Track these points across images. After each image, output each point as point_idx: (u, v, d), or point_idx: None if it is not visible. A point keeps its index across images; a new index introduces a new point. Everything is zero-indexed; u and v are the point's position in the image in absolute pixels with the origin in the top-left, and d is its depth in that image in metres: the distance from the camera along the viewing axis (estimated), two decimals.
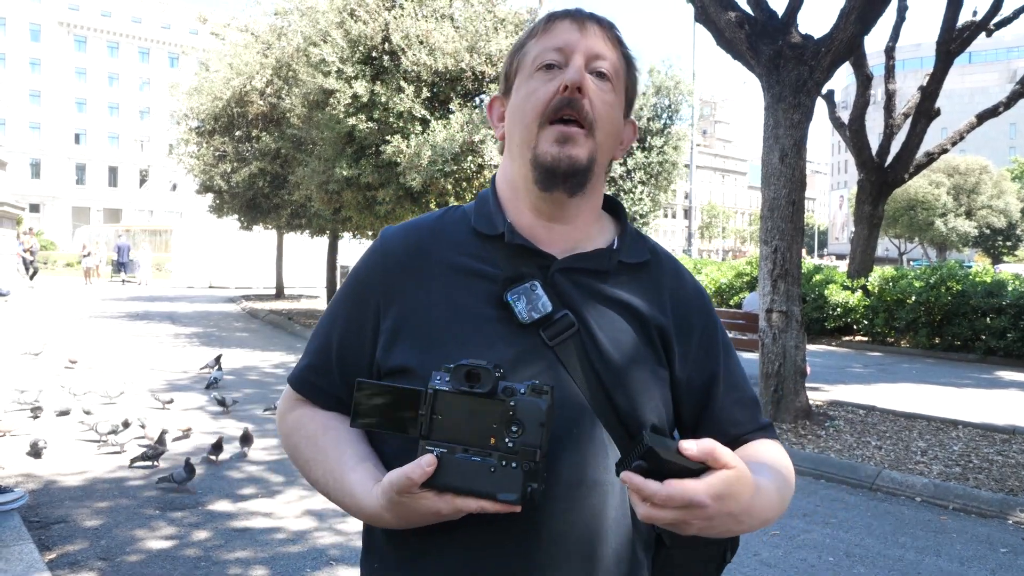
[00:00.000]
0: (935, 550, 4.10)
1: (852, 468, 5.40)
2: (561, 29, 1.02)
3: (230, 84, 15.05)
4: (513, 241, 1.03)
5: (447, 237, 1.06)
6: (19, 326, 12.54)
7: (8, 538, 3.54)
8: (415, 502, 0.87)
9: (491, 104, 1.13)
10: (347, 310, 1.08)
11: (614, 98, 1.03)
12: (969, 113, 14.44)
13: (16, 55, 59.64)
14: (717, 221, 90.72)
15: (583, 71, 0.99)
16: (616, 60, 1.04)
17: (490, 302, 0.99)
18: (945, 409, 7.38)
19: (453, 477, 0.85)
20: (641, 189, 20.42)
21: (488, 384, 0.85)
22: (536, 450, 0.84)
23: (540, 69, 1.01)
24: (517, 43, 1.08)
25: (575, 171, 0.99)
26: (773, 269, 6.49)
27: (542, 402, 0.85)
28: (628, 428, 0.99)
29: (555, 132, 0.99)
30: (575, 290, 1.02)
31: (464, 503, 0.85)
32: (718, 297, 15.56)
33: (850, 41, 6.35)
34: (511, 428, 0.84)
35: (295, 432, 1.08)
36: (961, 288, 11.66)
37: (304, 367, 1.10)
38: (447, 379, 0.87)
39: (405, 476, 0.85)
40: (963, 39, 11.63)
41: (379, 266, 1.07)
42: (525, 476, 0.83)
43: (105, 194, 63.80)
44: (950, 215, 50.50)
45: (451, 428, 0.86)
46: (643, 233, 1.16)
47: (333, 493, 0.99)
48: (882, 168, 12.78)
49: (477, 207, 1.09)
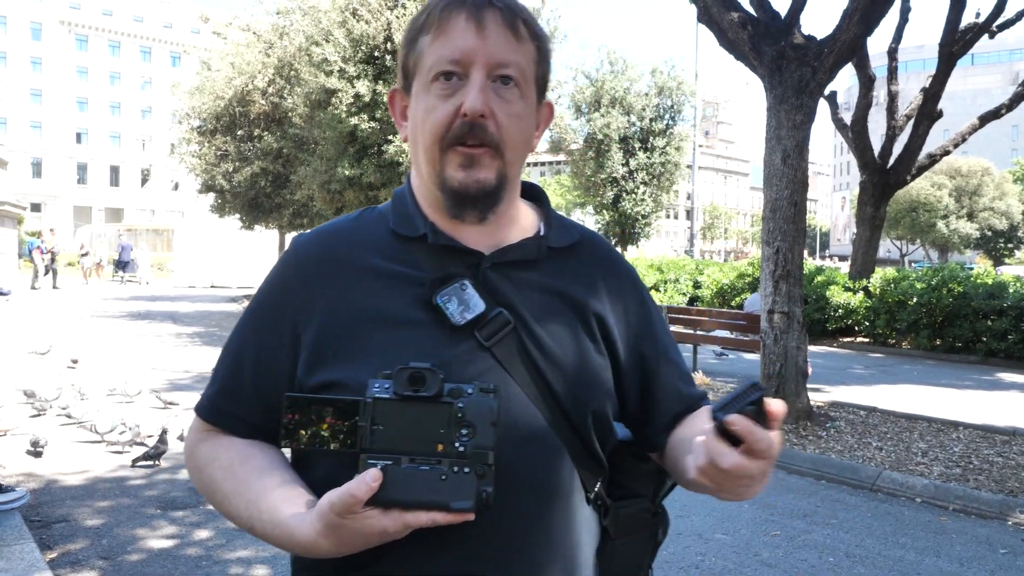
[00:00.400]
0: (935, 551, 4.10)
1: (853, 469, 5.40)
2: (456, 29, 0.92)
3: (232, 83, 15.07)
4: (437, 243, 0.97)
5: (366, 241, 1.00)
6: (21, 325, 12.55)
7: (9, 537, 3.54)
8: (358, 523, 0.79)
9: (392, 98, 1.05)
10: (260, 328, 0.99)
11: (522, 105, 0.95)
12: (971, 115, 14.44)
13: (17, 54, 59.70)
14: (719, 222, 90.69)
15: (485, 92, 0.91)
16: (523, 57, 0.95)
17: (419, 306, 0.94)
18: (946, 410, 7.38)
19: (401, 490, 0.79)
20: (643, 190, 20.41)
21: (434, 386, 0.81)
22: (489, 452, 0.80)
23: (437, 80, 0.93)
24: (410, 33, 0.98)
25: (484, 195, 0.94)
26: (775, 270, 6.49)
27: (492, 401, 0.81)
28: (574, 423, 0.96)
29: (459, 156, 0.93)
30: (507, 285, 0.97)
31: (414, 517, 0.79)
32: (720, 298, 15.55)
33: (853, 42, 6.35)
34: (461, 431, 0.80)
35: (209, 465, 0.97)
36: (962, 290, 11.66)
37: (214, 394, 1.00)
38: (387, 386, 0.82)
39: (348, 494, 0.77)
40: (966, 41, 11.63)
41: (294, 277, 0.99)
42: (479, 481, 0.79)
43: (107, 193, 63.85)
44: (952, 217, 50.49)
45: (394, 438, 0.80)
46: (567, 216, 1.12)
47: (259, 526, 0.89)
48: (884, 170, 12.77)
49: (395, 207, 1.03)
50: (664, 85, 20.47)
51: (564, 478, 0.95)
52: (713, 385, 8.42)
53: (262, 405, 0.97)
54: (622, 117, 19.84)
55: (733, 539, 4.19)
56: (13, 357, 9.13)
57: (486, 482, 0.79)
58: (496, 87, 0.93)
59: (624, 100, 19.94)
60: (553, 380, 0.95)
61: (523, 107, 0.96)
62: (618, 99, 19.91)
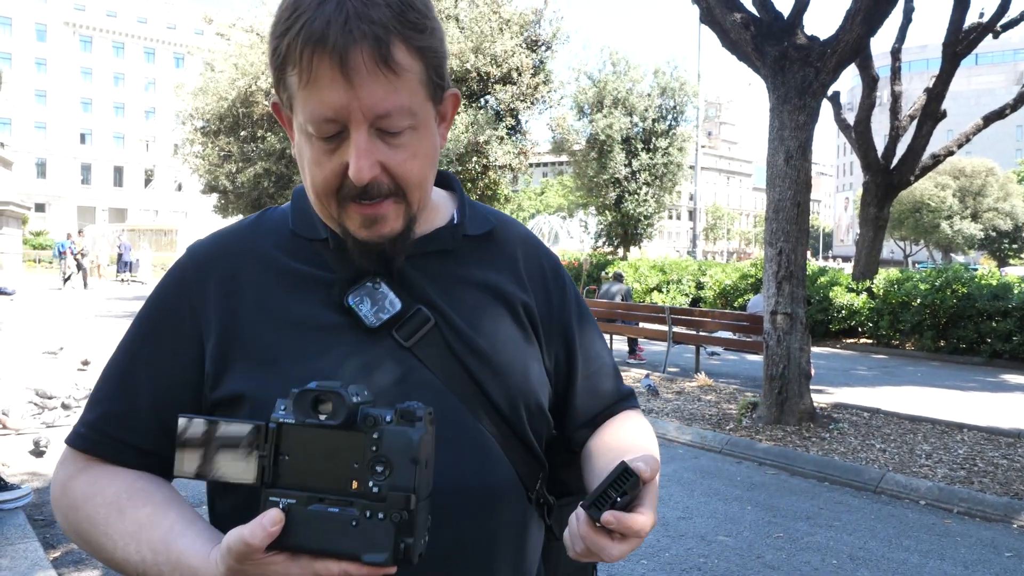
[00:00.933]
0: (939, 554, 4.08)
1: (856, 471, 5.38)
2: (323, 80, 0.77)
3: (235, 84, 15.10)
4: (340, 246, 0.88)
5: (269, 242, 0.92)
6: (27, 325, 12.58)
7: (13, 536, 3.55)
8: (261, 569, 0.68)
9: (276, 109, 0.92)
10: (156, 338, 0.89)
11: (416, 139, 0.83)
12: (975, 115, 14.39)
13: (22, 55, 59.91)
14: (722, 223, 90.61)
15: (370, 152, 0.79)
16: (406, 90, 0.80)
17: (330, 308, 0.87)
18: (950, 412, 7.35)
19: (306, 536, 0.67)
20: (646, 190, 20.39)
21: (341, 413, 0.67)
22: (409, 495, 0.66)
23: (317, 139, 0.81)
24: (275, 55, 0.80)
25: (394, 242, 0.85)
26: (778, 271, 6.48)
27: (414, 432, 0.67)
28: (507, 419, 0.90)
29: (358, 215, 0.83)
30: (425, 279, 0.91)
31: (324, 567, 0.67)
32: (723, 299, 15.53)
33: (856, 42, 6.33)
34: (376, 468, 0.67)
35: (88, 502, 0.83)
36: (967, 291, 11.63)
37: (95, 420, 0.87)
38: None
39: (242, 540, 0.66)
40: (970, 40, 11.60)
41: (192, 283, 0.90)
42: (397, 529, 0.66)
43: (110, 194, 64.04)
44: (956, 217, 50.38)
45: (302, 471, 0.68)
46: (479, 202, 1.05)
47: (154, 570, 0.77)
48: (888, 170, 12.74)
49: (295, 208, 0.94)
50: (667, 86, 20.46)
51: (502, 478, 0.89)
52: (716, 386, 8.41)
53: (161, 427, 0.84)
54: (624, 118, 19.83)
55: (735, 541, 4.18)
56: (25, 357, 9.15)
57: (408, 532, 0.66)
58: (383, 136, 0.81)
59: (627, 101, 19.93)
60: (481, 376, 0.89)
61: (418, 140, 0.84)
62: (621, 100, 19.90)
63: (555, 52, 17.71)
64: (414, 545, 0.67)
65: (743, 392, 8.03)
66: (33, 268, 31.68)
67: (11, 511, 3.82)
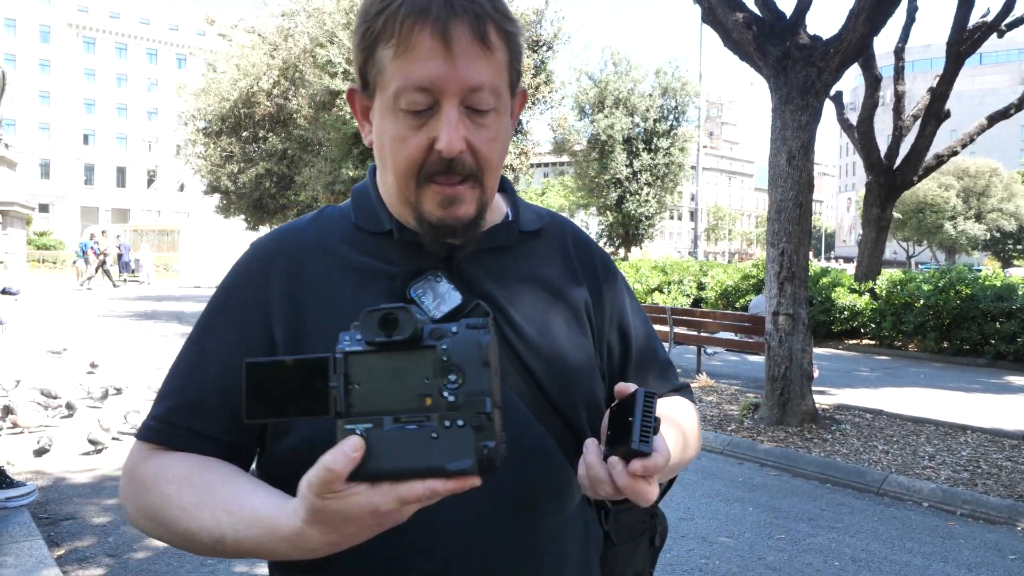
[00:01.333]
0: (942, 556, 4.05)
1: (859, 472, 5.35)
2: (421, 49, 0.81)
3: (237, 85, 15.13)
4: (404, 239, 0.91)
5: (331, 237, 0.94)
6: (31, 324, 12.60)
7: (18, 534, 3.58)
8: (344, 502, 0.67)
9: (351, 96, 0.95)
10: (222, 333, 0.90)
11: (498, 123, 0.87)
12: (979, 115, 14.34)
13: (26, 56, 60.07)
14: (723, 223, 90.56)
15: (460, 126, 0.83)
16: (495, 69, 0.85)
17: (392, 300, 0.86)
18: (953, 414, 7.32)
19: (387, 458, 0.66)
20: (647, 191, 20.38)
21: (408, 328, 0.67)
22: (484, 398, 0.66)
23: (405, 112, 0.84)
24: (366, 36, 0.85)
25: (466, 227, 0.88)
26: (780, 272, 6.45)
27: (482, 336, 0.68)
28: (565, 416, 0.91)
29: (438, 195, 0.86)
30: (483, 274, 0.92)
31: (408, 489, 0.66)
32: (724, 300, 15.51)
33: (859, 42, 6.30)
34: (448, 377, 0.67)
35: (155, 483, 0.83)
36: (970, 292, 11.58)
37: (166, 412, 0.88)
38: (358, 336, 0.69)
39: (325, 468, 0.66)
40: (974, 40, 11.55)
41: (257, 276, 0.92)
42: (476, 434, 0.66)
43: (113, 194, 64.19)
44: (959, 218, 50.28)
45: (374, 396, 0.68)
46: (530, 202, 1.07)
47: (231, 533, 0.76)
48: (891, 170, 12.71)
49: (357, 204, 0.97)
50: (668, 86, 20.44)
51: (561, 479, 0.90)
52: (717, 387, 8.38)
53: (230, 417, 0.86)
54: (626, 118, 19.81)
55: (737, 542, 4.15)
56: (30, 356, 9.15)
57: (488, 435, 0.66)
58: (471, 114, 0.84)
59: (628, 101, 19.91)
60: (539, 371, 0.90)
61: (499, 125, 0.88)
62: (622, 100, 19.88)
63: (556, 52, 17.73)
64: (496, 448, 0.66)
65: (745, 393, 8.01)
66: (37, 268, 31.75)
67: (16, 509, 3.85)
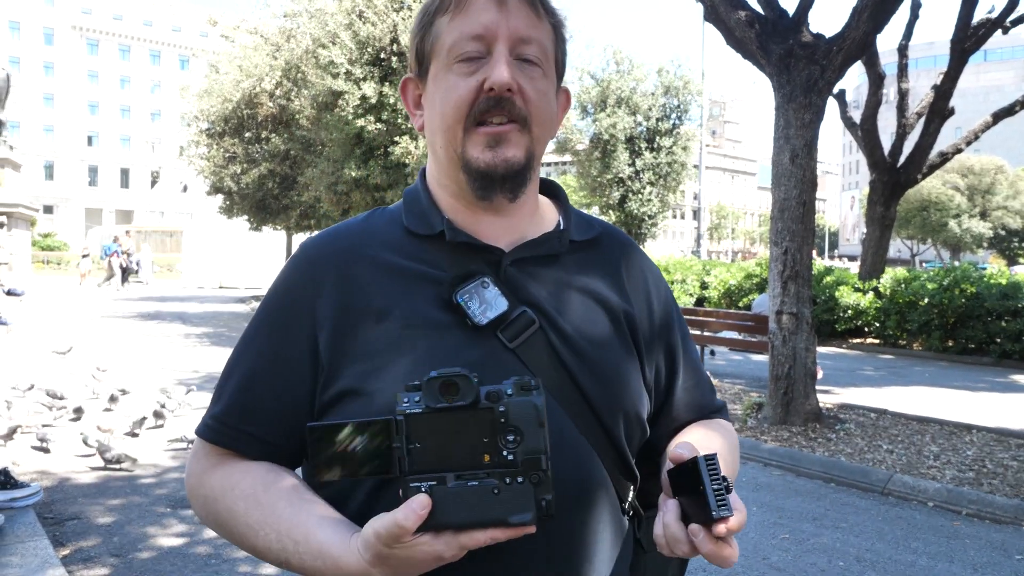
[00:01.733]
0: (948, 556, 4.03)
1: (863, 472, 5.33)
2: (477, 5, 0.88)
3: (240, 86, 15.14)
4: (456, 239, 0.92)
5: (379, 240, 0.95)
6: (36, 325, 12.64)
7: (23, 534, 3.59)
8: (409, 550, 0.73)
9: (404, 87, 1.00)
10: (273, 335, 0.93)
11: (545, 83, 0.92)
12: (984, 112, 14.29)
13: (30, 59, 60.24)
14: (726, 222, 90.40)
15: (510, 67, 0.87)
16: (544, 36, 0.92)
17: (439, 306, 0.89)
18: (958, 413, 7.29)
19: (452, 512, 0.72)
20: (650, 190, 20.34)
21: (470, 395, 0.73)
22: (541, 456, 0.73)
23: (458, 62, 0.89)
24: (424, 17, 0.93)
25: (513, 173, 0.89)
26: (783, 271, 6.43)
27: (537, 399, 0.74)
28: (607, 427, 0.91)
29: (485, 135, 0.88)
30: (531, 282, 0.93)
31: (470, 538, 0.72)
32: (727, 299, 15.48)
33: (862, 40, 6.28)
34: (507, 438, 0.73)
35: (226, 495, 0.88)
36: (975, 290, 11.53)
37: (221, 413, 0.92)
38: (417, 399, 0.74)
39: (395, 524, 0.71)
40: (978, 37, 11.50)
41: (307, 280, 0.93)
42: (535, 489, 0.73)
43: (117, 195, 64.35)
44: (964, 216, 50.08)
45: (435, 455, 0.73)
46: (586, 213, 1.08)
47: (296, 559, 0.82)
48: (895, 168, 12.66)
49: (408, 206, 0.98)
50: (670, 84, 20.40)
51: (598, 487, 0.91)
52: (720, 387, 8.36)
53: (280, 421, 0.90)
54: (628, 117, 19.78)
55: (741, 542, 4.14)
56: (35, 356, 9.18)
57: (544, 490, 0.73)
58: (519, 64, 0.89)
59: (630, 100, 19.88)
60: (583, 381, 0.90)
61: (546, 85, 0.92)
62: (624, 99, 19.85)
63: None
64: (552, 500, 0.73)
65: (748, 392, 7.99)
66: (42, 269, 31.86)
67: (21, 509, 3.86)
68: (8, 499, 3.85)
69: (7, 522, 3.66)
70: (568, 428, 0.89)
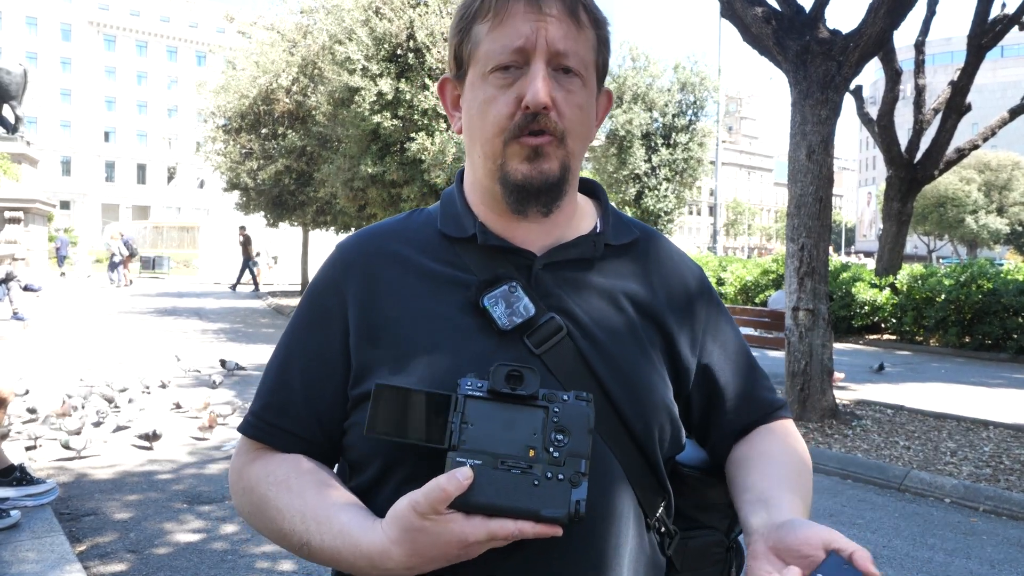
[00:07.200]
0: (965, 552, 4.04)
1: (880, 468, 5.33)
2: (515, 16, 0.86)
3: (256, 82, 15.21)
4: (487, 243, 0.92)
5: (414, 241, 0.96)
6: (53, 321, 12.81)
7: (40, 530, 3.60)
8: (438, 527, 0.73)
9: (442, 87, 0.99)
10: (306, 335, 0.94)
11: (584, 94, 0.90)
12: (1001, 108, 14.14)
13: (47, 55, 60.83)
14: (743, 218, 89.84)
15: (547, 84, 0.86)
16: (584, 46, 0.90)
17: (466, 310, 0.89)
18: (975, 409, 7.25)
19: (488, 494, 0.74)
20: (666, 186, 20.29)
21: (533, 386, 0.77)
22: (583, 460, 0.75)
23: (495, 72, 0.88)
24: (462, 20, 0.91)
25: (548, 187, 0.89)
26: (800, 267, 6.42)
27: (588, 408, 0.78)
28: (636, 438, 0.89)
29: (523, 148, 0.87)
30: (562, 287, 0.92)
31: (499, 525, 0.73)
32: (743, 295, 15.43)
33: (879, 36, 6.25)
34: (556, 436, 0.76)
35: (260, 483, 0.90)
36: (992, 286, 11.45)
37: (260, 409, 0.94)
38: (480, 384, 0.78)
39: (438, 487, 0.72)
40: (995, 33, 11.39)
41: (341, 281, 0.94)
42: (573, 489, 0.75)
43: (134, 191, 64.90)
44: (981, 212, 49.51)
45: (485, 438, 0.76)
46: (626, 214, 1.05)
47: (316, 540, 0.82)
48: (911, 164, 12.57)
49: (443, 208, 0.98)
50: (687, 81, 20.31)
51: (621, 500, 0.88)
52: None
53: (314, 417, 0.91)
54: (644, 113, 19.73)
55: None
56: (53, 352, 9.31)
57: (579, 491, 0.75)
58: (557, 76, 0.88)
59: (647, 96, 19.82)
60: (613, 391, 0.88)
61: (584, 97, 0.91)
62: (640, 95, 19.80)
63: None
64: (584, 502, 0.75)
65: None
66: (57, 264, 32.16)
67: (38, 506, 3.88)
68: (24, 496, 3.87)
69: (24, 518, 3.67)
70: (600, 444, 0.86)
